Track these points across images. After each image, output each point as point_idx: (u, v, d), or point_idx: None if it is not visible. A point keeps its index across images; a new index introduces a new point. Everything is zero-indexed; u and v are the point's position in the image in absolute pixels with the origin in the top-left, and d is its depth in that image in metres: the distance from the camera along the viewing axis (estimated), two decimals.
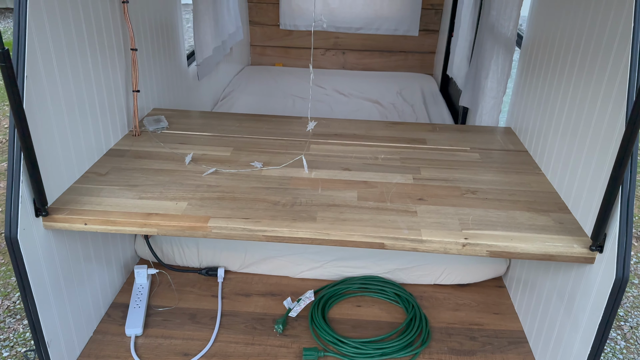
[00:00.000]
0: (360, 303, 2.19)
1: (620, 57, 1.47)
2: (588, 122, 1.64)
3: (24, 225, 1.50)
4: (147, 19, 2.34)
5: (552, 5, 2.01)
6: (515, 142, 2.24)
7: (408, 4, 4.17)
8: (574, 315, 1.62)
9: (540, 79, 2.09)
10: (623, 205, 1.40)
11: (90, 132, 1.89)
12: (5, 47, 1.33)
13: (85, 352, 1.89)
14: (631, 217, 1.40)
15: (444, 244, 1.55)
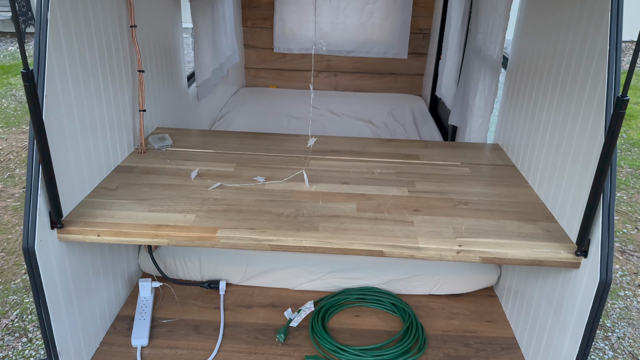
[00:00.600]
0: (358, 313, 2.26)
1: (598, 76, 1.60)
2: (571, 137, 1.76)
3: (40, 237, 1.57)
4: (151, 43, 2.44)
5: (535, 29, 2.15)
6: (503, 158, 2.37)
7: (397, 28, 4.35)
8: (563, 318, 1.72)
9: (525, 98, 2.22)
10: (604, 212, 1.51)
11: (100, 149, 1.97)
12: (30, 69, 1.42)
13: None
14: (612, 224, 1.51)
15: (440, 251, 1.65)
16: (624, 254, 3.83)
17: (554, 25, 1.96)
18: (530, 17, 2.20)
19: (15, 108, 6.13)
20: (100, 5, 1.90)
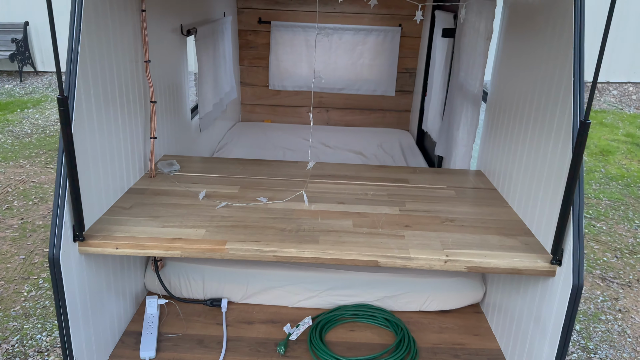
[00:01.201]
0: (353, 328, 2.41)
1: (565, 105, 1.84)
2: (544, 160, 1.98)
3: (64, 249, 1.73)
4: (161, 77, 2.66)
5: (511, 66, 2.41)
6: (485, 182, 2.58)
7: (385, 68, 4.65)
8: (542, 325, 1.89)
9: (503, 128, 2.46)
10: (575, 224, 1.72)
11: (116, 171, 2.15)
12: (65, 95, 1.62)
13: None
14: (582, 234, 1.71)
15: (429, 261, 1.83)
16: (605, 281, 4.01)
17: (526, 63, 2.22)
18: (507, 56, 2.47)
19: (13, 143, 6.29)
20: (120, 41, 2.12)
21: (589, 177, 5.90)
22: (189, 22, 3.12)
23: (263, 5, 4.58)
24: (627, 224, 4.90)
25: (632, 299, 3.80)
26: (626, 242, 4.57)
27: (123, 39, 2.14)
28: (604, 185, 5.67)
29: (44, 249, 4.00)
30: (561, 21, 1.89)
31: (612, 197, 5.39)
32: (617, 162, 6.31)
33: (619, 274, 4.07)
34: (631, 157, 6.47)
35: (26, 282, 3.59)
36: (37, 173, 5.49)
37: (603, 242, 4.52)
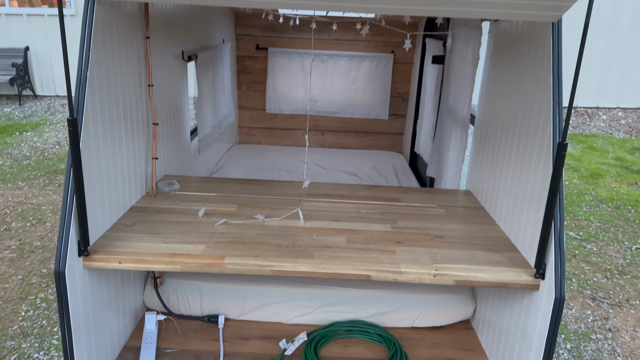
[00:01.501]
0: (347, 344, 2.48)
1: (545, 127, 1.96)
2: (527, 180, 2.10)
3: (70, 262, 1.81)
4: (163, 100, 2.78)
5: (496, 91, 2.54)
6: (474, 201, 2.69)
7: (379, 92, 4.80)
8: (528, 337, 1.98)
9: (490, 149, 2.58)
10: (556, 240, 1.82)
11: (119, 190, 2.24)
12: (75, 116, 1.73)
13: None
14: (563, 249, 1.81)
15: (419, 275, 1.92)
16: (595, 301, 4.09)
17: (510, 88, 2.35)
18: (492, 82, 2.60)
19: (11, 166, 6.37)
20: (125, 66, 2.24)
21: (579, 199, 6.02)
22: (190, 48, 3.26)
23: (261, 33, 4.75)
24: (617, 246, 5.00)
25: (621, 318, 3.87)
26: (616, 263, 4.65)
27: (128, 64, 2.26)
28: (594, 207, 5.78)
29: (41, 270, 4.05)
30: (541, 49, 2.02)
31: (602, 219, 5.50)
32: (607, 185, 6.44)
33: (609, 294, 4.15)
34: (620, 180, 6.61)
35: (24, 302, 3.63)
36: (35, 195, 5.56)
37: (593, 263, 4.61)
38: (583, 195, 6.08)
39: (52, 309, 3.44)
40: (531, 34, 2.14)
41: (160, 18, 2.68)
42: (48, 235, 4.63)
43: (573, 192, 6.21)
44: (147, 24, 2.42)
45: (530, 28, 2.15)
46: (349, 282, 2.61)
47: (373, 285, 2.61)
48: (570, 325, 3.74)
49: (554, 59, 1.90)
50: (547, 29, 1.97)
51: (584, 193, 6.15)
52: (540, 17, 1.83)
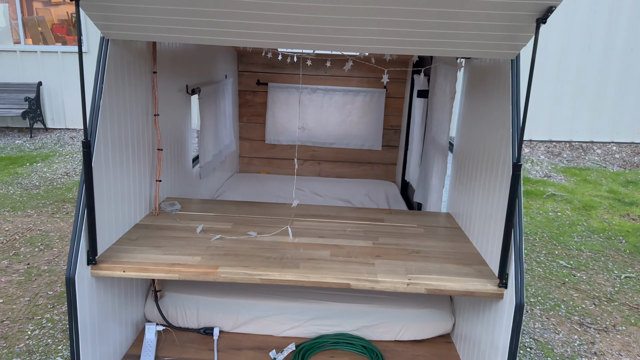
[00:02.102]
0: (333, 355, 2.66)
1: (507, 153, 2.20)
2: (493, 201, 2.33)
3: (79, 270, 2.05)
4: (167, 128, 3.06)
5: (470, 120, 2.81)
6: (452, 222, 2.91)
7: (372, 125, 5.09)
8: (495, 343, 2.17)
9: (466, 175, 2.82)
10: (516, 252, 2.04)
11: (125, 208, 2.49)
12: (88, 139, 1.99)
13: None
14: (522, 261, 2.03)
15: (394, 284, 2.13)
16: (582, 326, 4.23)
17: (481, 117, 2.61)
18: (467, 112, 2.87)
19: (21, 194, 6.65)
20: (134, 97, 2.52)
21: (571, 230, 6.19)
22: (193, 82, 3.56)
23: (261, 69, 5.09)
24: (607, 274, 5.15)
25: (607, 343, 4.00)
26: (605, 291, 4.80)
27: (137, 95, 2.55)
28: (585, 237, 5.95)
29: (47, 292, 4.26)
30: (503, 82, 2.29)
31: (593, 249, 5.66)
32: (600, 217, 6.62)
33: (596, 320, 4.29)
34: (613, 212, 6.79)
35: (30, 321, 3.83)
36: (43, 222, 5.81)
37: (582, 291, 4.76)
38: (575, 226, 6.26)
39: (57, 329, 3.64)
40: (495, 69, 2.41)
41: (167, 55, 2.99)
42: (55, 259, 4.85)
43: (565, 223, 6.39)
44: (154, 60, 2.72)
45: (495, 64, 2.42)
46: (336, 297, 2.81)
47: (359, 299, 2.81)
48: (556, 349, 3.89)
49: (513, 91, 2.16)
50: (508, 64, 2.24)
51: (576, 224, 6.33)
52: (498, 55, 2.11)
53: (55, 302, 4.04)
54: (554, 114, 9.02)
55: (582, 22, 8.56)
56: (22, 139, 9.14)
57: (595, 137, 9.14)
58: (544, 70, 8.81)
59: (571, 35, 8.61)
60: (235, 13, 1.93)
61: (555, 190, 7.52)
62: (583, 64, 8.73)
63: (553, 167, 8.60)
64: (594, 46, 8.65)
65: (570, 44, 8.66)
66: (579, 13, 8.51)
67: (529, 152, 9.17)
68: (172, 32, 2.11)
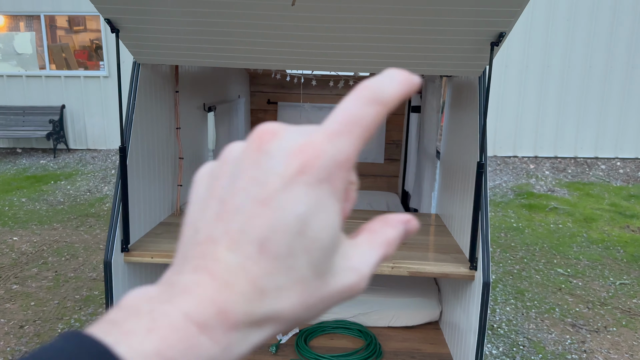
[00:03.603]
0: (332, 337, 3.06)
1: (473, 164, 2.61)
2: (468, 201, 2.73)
3: (115, 256, 2.49)
4: (187, 142, 3.54)
5: (453, 131, 3.23)
6: (438, 221, 3.32)
7: (374, 139, 5.54)
8: (469, 321, 2.55)
9: (449, 179, 3.23)
10: (484, 241, 2.43)
11: (152, 208, 2.95)
12: (125, 145, 2.46)
13: None
14: (488, 247, 2.42)
15: (380, 267, 2.53)
16: (575, 327, 4.55)
17: (459, 128, 3.04)
18: (451, 124, 3.30)
19: (47, 210, 7.17)
20: (160, 112, 3.00)
21: (571, 240, 6.50)
22: (210, 101, 4.05)
23: (271, 89, 5.59)
24: (602, 281, 5.44)
25: (598, 342, 4.31)
26: (599, 296, 5.10)
27: (162, 111, 3.02)
28: (584, 248, 6.26)
29: (74, 296, 4.71)
30: (474, 96, 2.72)
31: (591, 258, 5.97)
32: (600, 228, 6.92)
33: (588, 322, 4.60)
34: (613, 224, 7.09)
35: (60, 321, 4.27)
36: (68, 234, 6.29)
37: (577, 296, 5.07)
38: (575, 237, 6.57)
39: (85, 328, 4.07)
40: (469, 86, 2.84)
41: (188, 77, 3.48)
42: (80, 267, 5.32)
43: (566, 234, 6.70)
44: (177, 81, 3.20)
45: (469, 81, 2.85)
46: None
47: None
48: (548, 347, 4.21)
49: (480, 103, 2.58)
50: (476, 81, 2.67)
51: (576, 235, 6.64)
52: (466, 73, 2.54)
53: (82, 304, 4.49)
54: (559, 131, 9.37)
55: (582, 40, 8.98)
56: (46, 159, 9.75)
57: (600, 153, 9.46)
58: (547, 88, 9.21)
59: (573, 53, 9.02)
60: (247, 41, 2.40)
61: (558, 203, 7.84)
62: (585, 81, 9.11)
63: (557, 182, 8.93)
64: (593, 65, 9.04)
65: (570, 63, 9.07)
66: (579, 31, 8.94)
67: (534, 167, 9.51)
68: (192, 57, 2.58)
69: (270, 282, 0.30)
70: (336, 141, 0.32)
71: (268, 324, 0.30)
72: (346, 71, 2.56)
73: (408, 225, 0.36)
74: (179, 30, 2.37)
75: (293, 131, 0.33)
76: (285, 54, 2.48)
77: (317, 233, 0.31)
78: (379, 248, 0.35)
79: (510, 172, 9.44)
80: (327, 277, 0.32)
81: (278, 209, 0.30)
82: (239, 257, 0.30)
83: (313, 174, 0.31)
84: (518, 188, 8.67)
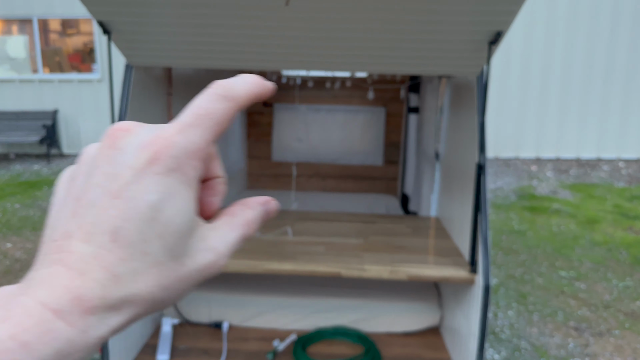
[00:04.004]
0: (331, 344, 3.04)
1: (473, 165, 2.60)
2: (467, 203, 2.72)
3: None
4: None
5: (453, 132, 3.22)
6: (439, 225, 3.31)
7: (373, 141, 5.53)
8: (470, 325, 2.54)
9: (449, 182, 3.22)
10: (483, 243, 2.42)
11: None
12: None
13: None
14: (489, 250, 2.41)
15: (379, 271, 2.53)
16: (578, 331, 4.54)
17: (459, 129, 3.03)
18: (451, 125, 3.29)
19: (41, 216, 7.14)
20: (152, 115, 2.99)
21: (574, 242, 6.50)
22: None
23: None
24: (606, 283, 5.43)
25: (601, 345, 4.30)
26: (602, 299, 5.09)
27: (155, 114, 3.01)
28: (587, 250, 6.25)
29: None
30: (472, 97, 2.71)
31: (594, 261, 5.96)
32: (603, 230, 6.92)
33: (591, 325, 4.59)
34: (616, 226, 7.08)
35: None
36: None
37: (580, 299, 5.06)
38: (578, 240, 6.56)
39: None
40: (468, 85, 2.83)
41: (181, 79, 3.47)
42: None
43: (569, 236, 6.69)
44: (170, 84, 3.19)
45: (467, 82, 2.85)
46: (334, 293, 3.20)
47: (354, 295, 3.19)
48: (551, 351, 4.20)
49: (479, 103, 2.57)
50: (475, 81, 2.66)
51: (579, 237, 6.63)
52: (464, 73, 2.54)
53: None
54: (561, 132, 9.38)
55: (584, 39, 8.99)
56: (39, 164, 9.73)
57: (603, 154, 9.46)
58: (549, 88, 9.22)
59: (574, 53, 9.03)
60: (241, 42, 2.39)
61: (561, 205, 7.84)
62: (587, 81, 9.12)
63: (560, 183, 8.93)
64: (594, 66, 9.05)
65: (572, 62, 9.08)
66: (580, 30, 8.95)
67: (536, 169, 9.51)
68: (186, 58, 2.58)
69: (125, 267, 0.31)
70: (187, 132, 0.34)
71: (126, 307, 0.32)
72: (343, 71, 2.56)
73: (267, 207, 0.39)
74: (172, 32, 2.37)
75: (146, 127, 0.36)
76: (280, 55, 2.47)
77: (170, 219, 0.33)
78: (238, 229, 0.37)
79: (512, 174, 9.44)
80: (183, 259, 0.34)
81: (130, 199, 0.32)
82: (92, 247, 0.31)
83: (163, 164, 0.33)
84: (520, 190, 8.66)
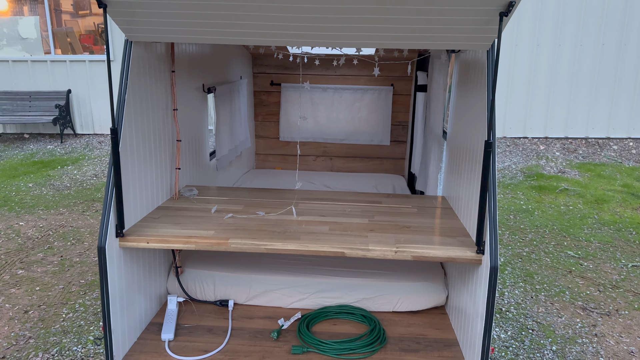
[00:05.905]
0: (335, 323, 2.97)
1: (481, 144, 2.48)
2: (474, 182, 2.61)
3: (109, 241, 2.40)
4: (186, 125, 3.42)
5: (460, 110, 3.09)
6: (445, 204, 3.19)
7: (380, 121, 5.39)
8: (476, 306, 2.44)
9: (456, 160, 3.10)
10: (491, 223, 2.31)
11: (149, 191, 2.85)
12: (116, 127, 2.35)
13: (134, 348, 2.65)
14: (496, 231, 2.30)
15: (383, 252, 2.43)
16: (585, 311, 4.43)
17: (467, 107, 2.89)
18: (458, 103, 3.15)
19: (54, 195, 7.13)
20: (155, 93, 2.88)
21: (582, 222, 6.35)
22: (209, 82, 3.93)
23: (274, 71, 5.45)
24: (614, 263, 5.30)
25: (609, 326, 4.19)
26: (610, 279, 4.96)
27: (157, 91, 2.91)
28: (595, 229, 6.11)
29: (80, 280, 4.65)
30: (482, 72, 2.57)
31: (603, 240, 5.81)
32: (612, 210, 6.75)
33: (599, 305, 4.48)
34: (625, 205, 6.91)
35: (65, 306, 4.22)
36: (74, 219, 6.25)
37: (588, 278, 4.94)
38: (586, 219, 6.41)
39: (89, 312, 4.02)
40: (477, 61, 2.69)
41: (185, 56, 3.35)
42: (86, 252, 5.26)
43: (576, 216, 6.54)
44: (173, 61, 3.08)
45: (476, 57, 2.70)
46: (340, 272, 3.11)
47: (360, 274, 3.10)
48: (558, 331, 4.10)
49: (489, 78, 2.44)
50: (485, 55, 2.52)
51: (587, 217, 6.48)
52: (473, 47, 2.40)
53: (87, 289, 4.44)
54: (570, 111, 9.15)
55: (594, 17, 8.71)
56: (53, 144, 9.70)
57: (612, 134, 9.23)
58: (558, 67, 8.97)
59: (585, 31, 8.76)
60: (244, 15, 2.27)
61: (569, 185, 7.67)
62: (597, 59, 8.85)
63: (568, 163, 8.73)
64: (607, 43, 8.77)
65: (583, 41, 8.80)
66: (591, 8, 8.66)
67: (544, 149, 9.31)
68: (187, 33, 2.46)
69: None
70: None
71: None
72: (349, 46, 2.43)
73: None
74: (172, 5, 2.25)
75: None
76: (285, 28, 2.35)
77: None
78: None
79: (520, 153, 9.25)
80: None
81: None
82: None
83: None
84: (528, 169, 8.49)
